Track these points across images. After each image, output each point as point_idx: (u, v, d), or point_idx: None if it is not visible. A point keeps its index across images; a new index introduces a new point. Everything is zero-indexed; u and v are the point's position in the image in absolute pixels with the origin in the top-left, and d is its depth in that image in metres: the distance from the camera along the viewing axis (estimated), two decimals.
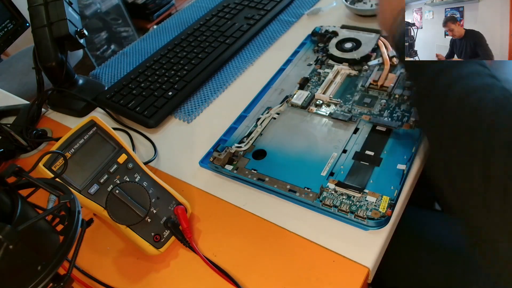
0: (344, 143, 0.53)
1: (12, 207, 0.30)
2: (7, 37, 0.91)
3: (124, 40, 2.29)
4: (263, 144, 0.56)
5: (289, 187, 0.50)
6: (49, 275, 0.29)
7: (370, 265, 0.43)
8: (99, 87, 0.74)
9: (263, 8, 0.83)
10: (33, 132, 0.67)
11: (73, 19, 0.68)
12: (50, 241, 0.33)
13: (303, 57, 0.70)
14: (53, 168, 0.44)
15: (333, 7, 0.81)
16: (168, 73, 0.72)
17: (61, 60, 0.68)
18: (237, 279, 0.44)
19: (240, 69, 0.73)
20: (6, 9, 0.91)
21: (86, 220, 0.36)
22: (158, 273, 0.48)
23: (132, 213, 0.45)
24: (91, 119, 0.48)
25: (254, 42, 0.78)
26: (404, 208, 0.48)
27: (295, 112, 0.60)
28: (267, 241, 0.47)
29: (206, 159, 0.56)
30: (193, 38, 0.78)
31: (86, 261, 0.50)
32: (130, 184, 0.47)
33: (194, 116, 0.66)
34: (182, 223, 0.48)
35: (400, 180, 0.47)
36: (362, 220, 0.44)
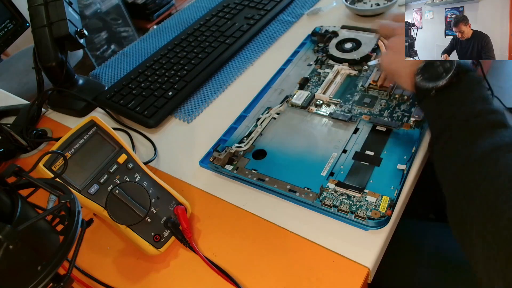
0: (344, 143, 0.53)
1: (12, 207, 0.30)
2: (7, 37, 0.91)
3: (124, 40, 2.29)
4: (263, 144, 0.56)
5: (289, 187, 0.50)
6: (49, 275, 0.29)
7: (370, 265, 0.43)
8: (99, 87, 0.74)
9: (263, 8, 0.83)
10: (33, 132, 0.67)
11: (73, 19, 0.68)
12: (50, 241, 0.33)
13: (303, 57, 0.70)
14: (53, 168, 0.44)
15: (333, 7, 0.81)
16: (168, 73, 0.72)
17: (61, 60, 0.68)
18: (237, 279, 0.44)
19: (240, 69, 0.73)
20: (6, 9, 0.90)
21: (86, 220, 0.36)
22: (158, 273, 0.48)
23: (132, 213, 0.45)
24: (91, 119, 0.48)
25: (254, 42, 0.78)
26: (401, 215, 0.48)
27: (295, 112, 0.60)
28: (267, 241, 0.47)
29: (206, 159, 0.56)
30: (193, 38, 0.78)
31: (86, 261, 0.50)
32: (130, 184, 0.47)
33: (194, 116, 0.66)
34: (182, 223, 0.48)
35: (400, 180, 0.47)
36: (362, 220, 0.44)
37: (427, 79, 0.44)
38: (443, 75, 0.43)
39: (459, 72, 0.42)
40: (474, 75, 0.43)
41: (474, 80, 0.42)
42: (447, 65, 0.43)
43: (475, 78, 0.43)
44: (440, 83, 0.42)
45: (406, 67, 0.47)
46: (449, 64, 0.43)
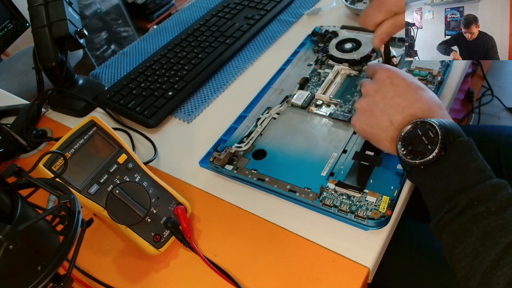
0: (344, 143, 0.53)
1: (12, 207, 0.30)
2: (7, 37, 0.91)
3: (124, 40, 2.29)
4: (263, 144, 0.56)
5: (289, 187, 0.50)
6: (49, 275, 0.29)
7: (370, 265, 0.43)
8: (99, 87, 0.74)
9: (263, 8, 0.83)
10: (33, 132, 0.67)
11: (73, 19, 0.68)
12: (50, 241, 0.33)
13: (303, 57, 0.70)
14: (53, 168, 0.44)
15: (333, 7, 0.81)
16: (168, 73, 0.72)
17: (61, 60, 0.68)
18: (237, 279, 0.44)
19: (240, 69, 0.73)
20: (6, 9, 0.91)
21: (86, 220, 0.36)
22: (158, 273, 0.48)
23: (132, 213, 0.45)
24: (91, 119, 0.48)
25: (254, 42, 0.78)
26: (401, 215, 0.48)
27: (295, 112, 0.60)
28: (267, 241, 0.47)
29: (206, 159, 0.56)
30: (193, 38, 0.78)
31: (86, 261, 0.50)
32: (130, 184, 0.47)
33: (194, 116, 0.66)
34: (182, 223, 0.48)
35: (400, 180, 0.47)
36: (362, 220, 0.44)
37: (412, 153, 0.40)
38: (428, 148, 0.39)
39: (445, 143, 0.38)
40: (462, 141, 0.38)
41: (466, 148, 0.38)
42: (431, 135, 0.39)
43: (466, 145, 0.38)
44: (427, 159, 0.39)
45: (384, 131, 0.44)
46: (433, 135, 0.39)
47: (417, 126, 0.40)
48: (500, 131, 0.68)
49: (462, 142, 0.38)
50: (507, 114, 1.57)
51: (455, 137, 0.39)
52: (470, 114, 1.52)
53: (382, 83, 0.45)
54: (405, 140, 0.41)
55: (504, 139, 0.66)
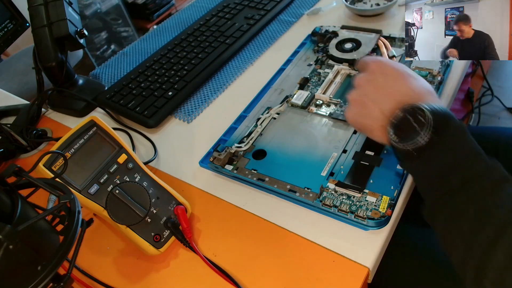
0: (344, 143, 0.53)
1: (12, 207, 0.30)
2: (7, 37, 0.91)
3: (124, 40, 2.29)
4: (263, 144, 0.56)
5: (289, 187, 0.50)
6: (49, 275, 0.29)
7: (370, 265, 0.43)
8: (99, 87, 0.74)
9: (263, 8, 0.83)
10: (33, 132, 0.67)
11: (73, 19, 0.68)
12: (50, 241, 0.33)
13: (303, 57, 0.70)
14: (53, 168, 0.44)
15: (333, 7, 0.81)
16: (168, 73, 0.72)
17: (61, 60, 0.68)
18: (237, 279, 0.44)
19: (240, 69, 0.73)
20: (6, 9, 0.91)
21: (86, 220, 0.36)
22: (158, 273, 0.48)
23: (132, 213, 0.45)
24: (91, 119, 0.48)
25: (254, 42, 0.78)
26: (401, 217, 0.48)
27: (295, 112, 0.60)
28: (267, 241, 0.47)
29: (206, 159, 0.56)
30: (193, 38, 0.78)
31: (86, 261, 0.50)
32: (130, 184, 0.47)
33: (194, 116, 0.66)
34: (182, 223, 0.48)
35: (400, 180, 0.47)
36: (362, 220, 0.44)
37: (403, 139, 0.39)
38: (419, 133, 0.38)
39: (436, 127, 0.37)
40: (455, 124, 0.38)
41: (458, 131, 0.38)
42: (422, 120, 0.38)
43: (458, 128, 0.38)
44: (419, 143, 0.38)
45: (375, 121, 0.43)
46: (424, 119, 0.38)
47: (407, 112, 0.39)
48: (500, 133, 0.68)
49: (454, 125, 0.38)
50: (507, 114, 1.57)
51: (447, 120, 0.38)
52: (470, 114, 1.52)
53: (372, 74, 0.45)
54: (396, 127, 0.40)
55: (504, 141, 0.66)
